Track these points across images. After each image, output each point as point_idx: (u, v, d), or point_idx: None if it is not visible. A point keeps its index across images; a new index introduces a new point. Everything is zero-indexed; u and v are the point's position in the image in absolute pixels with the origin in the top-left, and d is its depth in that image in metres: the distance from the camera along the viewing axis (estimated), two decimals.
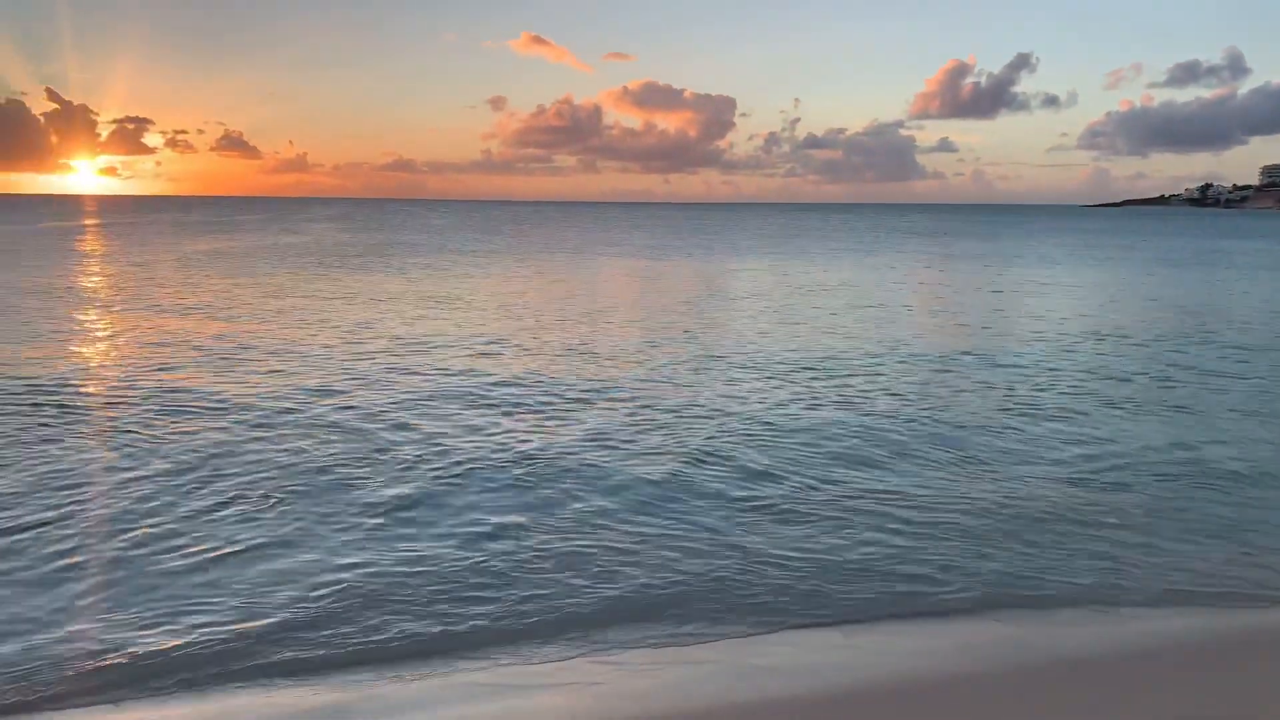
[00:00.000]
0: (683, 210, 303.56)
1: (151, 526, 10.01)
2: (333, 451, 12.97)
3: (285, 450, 13.00)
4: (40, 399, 15.85)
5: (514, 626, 7.91)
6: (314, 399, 16.19)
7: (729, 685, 6.99)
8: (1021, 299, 35.56)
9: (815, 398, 16.65)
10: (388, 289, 36.26)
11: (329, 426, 14.33)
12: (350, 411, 15.31)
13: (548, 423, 14.74)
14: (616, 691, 6.92)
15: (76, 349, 21.41)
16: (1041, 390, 17.52)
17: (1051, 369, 19.75)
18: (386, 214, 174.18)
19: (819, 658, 7.45)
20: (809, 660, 7.39)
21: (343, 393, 16.71)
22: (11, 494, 10.95)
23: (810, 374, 18.87)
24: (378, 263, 50.68)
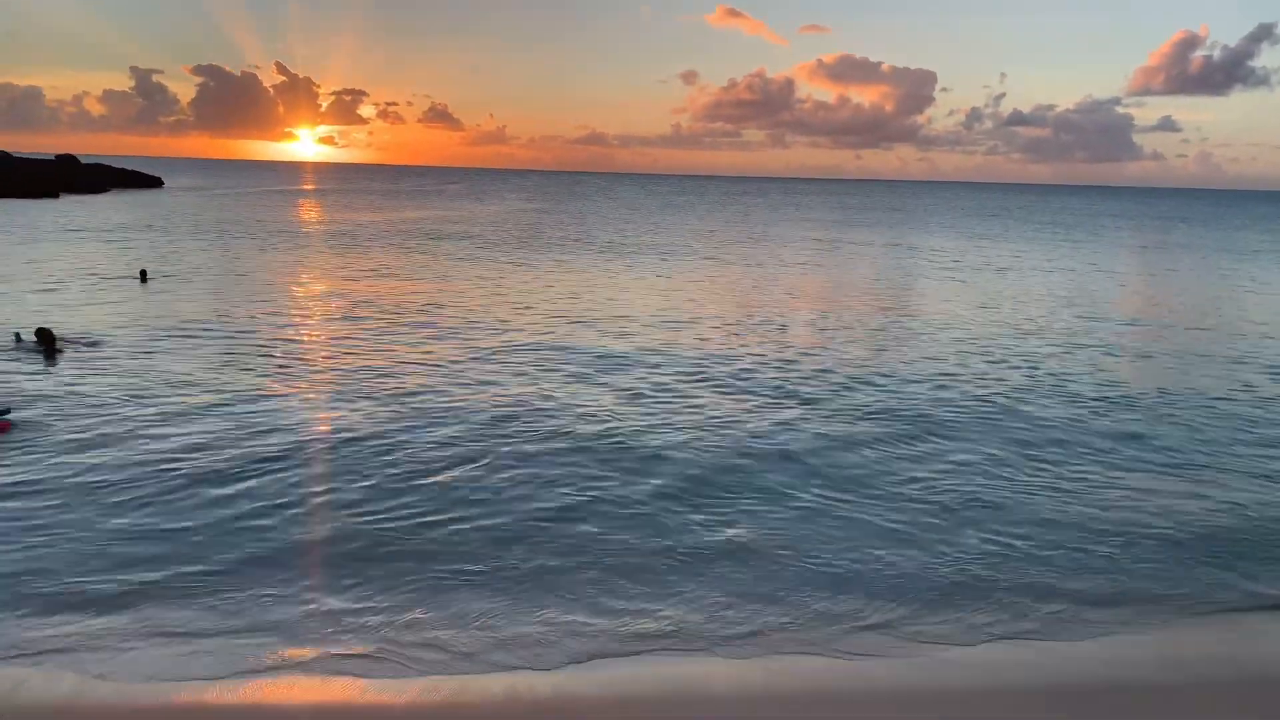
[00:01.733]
0: (883, 187, 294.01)
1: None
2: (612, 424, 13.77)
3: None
4: (276, 353, 17.78)
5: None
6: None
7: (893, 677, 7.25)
8: None
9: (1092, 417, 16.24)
10: (583, 267, 37.52)
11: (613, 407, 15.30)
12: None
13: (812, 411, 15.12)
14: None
15: (314, 310, 23.71)
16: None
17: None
18: (578, 186, 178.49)
19: (1000, 657, 7.54)
20: (991, 659, 7.50)
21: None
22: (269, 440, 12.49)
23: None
24: (583, 237, 52.29)
